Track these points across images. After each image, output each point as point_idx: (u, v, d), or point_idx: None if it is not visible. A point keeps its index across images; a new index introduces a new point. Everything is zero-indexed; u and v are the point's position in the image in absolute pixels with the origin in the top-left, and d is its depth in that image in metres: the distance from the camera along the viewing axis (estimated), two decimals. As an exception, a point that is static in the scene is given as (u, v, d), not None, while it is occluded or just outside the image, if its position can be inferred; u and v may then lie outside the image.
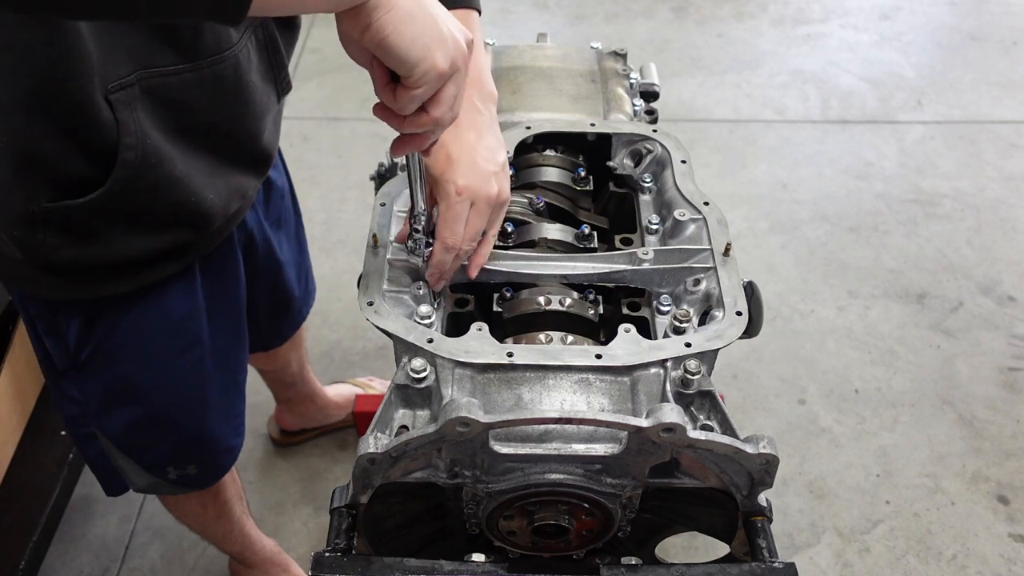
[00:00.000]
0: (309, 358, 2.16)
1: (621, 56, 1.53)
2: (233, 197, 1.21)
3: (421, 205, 1.08)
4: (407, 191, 1.21)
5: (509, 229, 1.24)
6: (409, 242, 1.11)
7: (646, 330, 1.14)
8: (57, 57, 0.93)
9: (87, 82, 0.96)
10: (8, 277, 1.19)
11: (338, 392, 2.29)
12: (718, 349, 1.05)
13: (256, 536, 1.88)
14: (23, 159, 1.00)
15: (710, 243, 1.17)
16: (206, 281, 1.29)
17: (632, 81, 1.51)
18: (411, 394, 1.04)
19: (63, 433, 2.05)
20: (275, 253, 1.52)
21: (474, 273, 1.14)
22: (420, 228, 1.09)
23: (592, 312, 1.16)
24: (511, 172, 1.32)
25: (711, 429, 1.01)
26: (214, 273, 1.30)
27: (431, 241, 1.09)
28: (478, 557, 1.07)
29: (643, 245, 1.23)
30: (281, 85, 1.23)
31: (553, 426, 0.98)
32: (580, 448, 0.98)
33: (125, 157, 1.02)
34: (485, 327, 1.06)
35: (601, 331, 1.19)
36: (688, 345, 1.03)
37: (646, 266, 1.16)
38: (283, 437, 2.28)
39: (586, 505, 1.04)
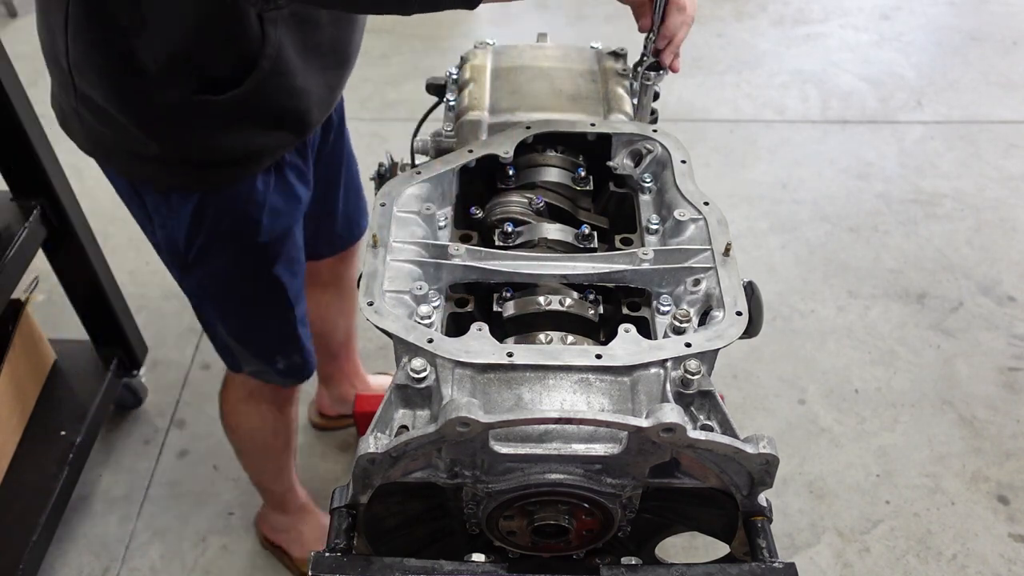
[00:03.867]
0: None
1: (621, 56, 1.53)
2: (328, 106, 1.40)
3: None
4: (408, 190, 1.22)
5: (509, 229, 1.24)
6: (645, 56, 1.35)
7: (646, 330, 1.14)
8: None
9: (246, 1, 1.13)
10: (134, 172, 1.34)
11: (380, 384, 2.31)
12: (718, 349, 1.04)
13: (297, 481, 2.01)
14: (182, 60, 1.17)
15: (710, 243, 1.17)
16: (288, 176, 1.44)
17: (632, 81, 1.50)
18: (411, 394, 1.04)
19: (63, 433, 2.06)
20: (343, 143, 1.69)
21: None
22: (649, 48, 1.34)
23: (592, 312, 1.16)
24: (511, 172, 1.33)
25: (711, 429, 1.01)
26: (294, 170, 1.45)
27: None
28: (478, 557, 1.06)
29: (643, 245, 1.23)
30: None
31: (553, 426, 0.98)
32: (580, 448, 0.98)
33: (262, 65, 1.20)
34: (485, 327, 1.06)
35: (601, 331, 1.19)
36: (688, 345, 1.03)
37: (646, 266, 1.16)
38: (322, 421, 2.32)
39: (586, 505, 1.04)
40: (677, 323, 1.07)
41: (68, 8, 1.14)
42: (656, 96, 1.54)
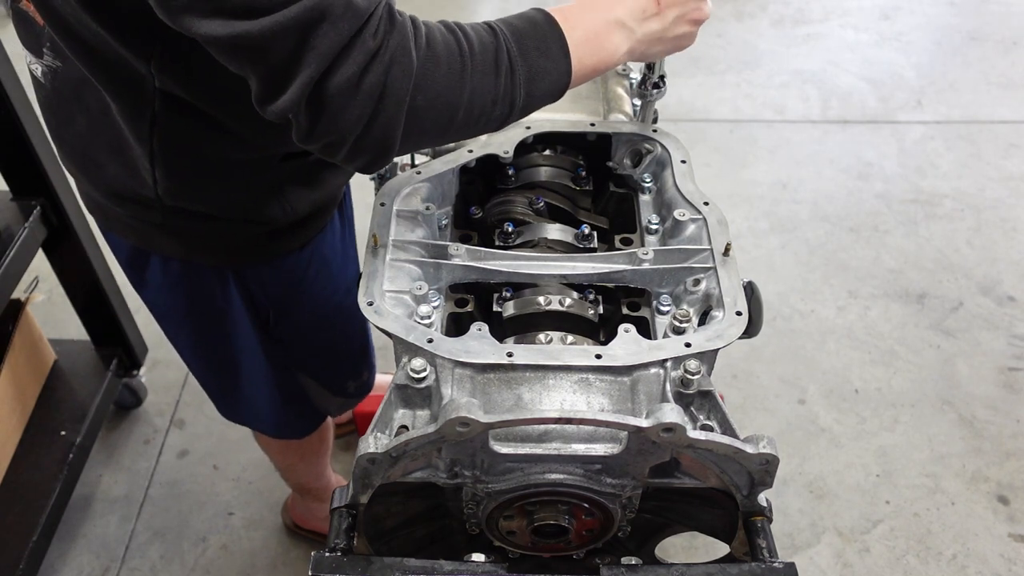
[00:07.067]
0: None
1: (621, 56, 1.53)
2: None
3: None
4: (408, 190, 1.22)
5: (509, 229, 1.24)
6: None
7: (646, 330, 1.14)
8: None
9: None
10: (242, 255, 1.32)
11: (380, 383, 2.29)
12: (718, 349, 1.05)
13: (331, 470, 2.05)
14: (279, 154, 1.18)
15: (710, 243, 1.17)
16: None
17: (632, 81, 1.51)
18: (411, 394, 1.04)
19: (63, 433, 2.05)
20: None
21: None
22: None
23: (592, 312, 1.16)
24: (511, 172, 1.33)
25: (711, 429, 1.01)
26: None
27: None
28: (478, 557, 1.07)
29: (643, 245, 1.23)
30: None
31: (553, 426, 0.98)
32: (580, 448, 0.98)
33: None
34: (485, 327, 1.06)
35: (601, 331, 1.19)
36: (688, 345, 1.03)
37: (646, 266, 1.16)
38: (336, 429, 2.29)
39: (586, 505, 1.04)
40: (677, 323, 1.08)
41: (152, 146, 1.12)
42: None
